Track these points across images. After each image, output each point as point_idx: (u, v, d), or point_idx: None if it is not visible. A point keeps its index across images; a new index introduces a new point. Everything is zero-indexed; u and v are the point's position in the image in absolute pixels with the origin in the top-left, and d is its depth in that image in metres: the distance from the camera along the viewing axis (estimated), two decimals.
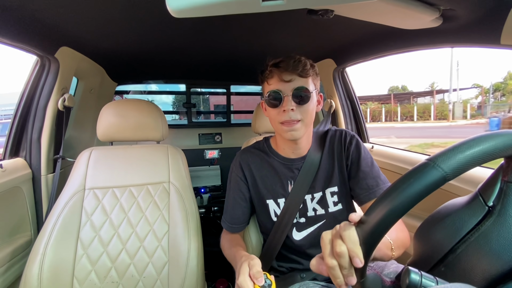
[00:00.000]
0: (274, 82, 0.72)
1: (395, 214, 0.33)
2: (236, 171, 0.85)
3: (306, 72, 0.71)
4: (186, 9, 0.52)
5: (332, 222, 0.78)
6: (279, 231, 0.78)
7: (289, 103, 0.70)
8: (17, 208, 0.98)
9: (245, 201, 0.84)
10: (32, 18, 0.83)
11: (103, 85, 1.59)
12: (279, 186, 0.80)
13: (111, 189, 0.94)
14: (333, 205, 0.78)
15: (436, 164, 0.32)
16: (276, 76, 0.72)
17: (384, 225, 0.33)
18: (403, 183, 0.33)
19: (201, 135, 2.05)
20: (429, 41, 0.88)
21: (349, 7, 0.68)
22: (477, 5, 0.65)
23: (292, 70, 0.70)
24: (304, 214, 0.78)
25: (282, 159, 0.81)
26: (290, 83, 0.71)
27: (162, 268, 0.87)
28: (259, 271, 0.56)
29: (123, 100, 1.04)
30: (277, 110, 0.72)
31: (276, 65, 0.72)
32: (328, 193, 0.78)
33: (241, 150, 0.89)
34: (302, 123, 0.72)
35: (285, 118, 0.71)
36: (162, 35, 1.06)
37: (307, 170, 0.78)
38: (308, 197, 0.78)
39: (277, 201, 0.79)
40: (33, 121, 1.07)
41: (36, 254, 0.80)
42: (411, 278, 0.31)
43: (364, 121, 1.57)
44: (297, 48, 1.25)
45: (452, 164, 0.31)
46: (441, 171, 0.31)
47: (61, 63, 1.06)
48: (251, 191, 0.83)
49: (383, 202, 0.34)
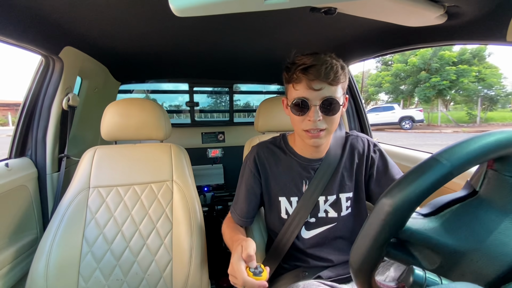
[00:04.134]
0: (301, 88, 0.67)
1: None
2: (250, 165, 0.83)
3: (337, 80, 0.66)
4: (189, 8, 0.52)
5: (341, 225, 0.78)
6: (290, 230, 0.78)
7: (316, 114, 0.66)
8: (23, 207, 0.99)
9: (256, 196, 0.83)
10: (36, 18, 0.84)
11: (107, 84, 1.60)
12: (293, 185, 0.79)
13: (115, 188, 0.95)
14: (345, 210, 0.78)
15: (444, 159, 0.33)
16: (304, 82, 0.66)
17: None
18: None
19: (204, 134, 2.06)
20: (434, 38, 0.87)
21: (352, 5, 0.68)
22: (483, 1, 0.64)
23: (323, 79, 0.64)
24: (315, 214, 0.78)
25: (300, 158, 0.80)
26: (319, 92, 0.65)
27: (166, 266, 0.88)
28: (250, 255, 0.57)
29: (126, 99, 1.04)
30: (302, 118, 0.69)
31: (305, 71, 0.65)
32: (343, 198, 0.78)
33: (257, 144, 0.87)
34: (326, 132, 0.70)
35: (310, 127, 0.68)
36: (165, 34, 1.07)
37: (324, 172, 0.77)
38: (322, 198, 0.77)
39: (289, 199, 0.79)
40: (38, 120, 1.08)
41: (42, 252, 0.81)
42: (415, 277, 0.31)
43: (368, 120, 1.56)
44: (300, 46, 1.24)
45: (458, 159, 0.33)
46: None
47: (65, 63, 1.07)
48: (263, 186, 0.82)
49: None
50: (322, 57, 0.67)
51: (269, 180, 0.81)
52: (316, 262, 0.77)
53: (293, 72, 0.68)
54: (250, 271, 0.56)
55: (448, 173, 0.32)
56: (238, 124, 2.18)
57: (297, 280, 0.74)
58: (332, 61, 0.67)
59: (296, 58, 0.69)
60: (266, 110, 1.12)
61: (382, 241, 0.34)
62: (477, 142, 0.33)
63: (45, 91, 1.08)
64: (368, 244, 0.35)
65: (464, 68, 12.71)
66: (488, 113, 13.88)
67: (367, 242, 0.35)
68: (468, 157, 0.32)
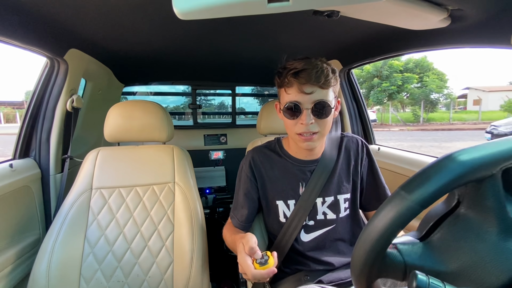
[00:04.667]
0: (293, 92, 0.68)
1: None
2: (246, 170, 0.84)
3: (328, 84, 0.67)
4: (193, 11, 0.52)
5: (340, 227, 0.78)
6: (288, 233, 0.77)
7: (308, 117, 0.67)
8: (26, 207, 1.00)
9: (255, 201, 0.84)
10: (42, 21, 0.85)
11: (110, 86, 1.61)
12: (290, 188, 0.79)
13: (117, 189, 0.95)
14: (343, 211, 0.78)
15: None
16: (295, 86, 0.67)
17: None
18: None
19: (206, 136, 2.06)
20: (437, 42, 0.87)
21: (355, 8, 0.68)
22: (486, 5, 0.64)
23: (314, 83, 0.66)
24: (314, 217, 0.78)
25: (295, 161, 0.81)
26: (311, 95, 0.67)
27: (167, 268, 0.88)
28: (252, 247, 0.58)
29: (129, 101, 1.05)
30: (295, 121, 0.70)
31: (296, 75, 0.67)
32: (341, 199, 0.78)
33: (252, 149, 0.88)
34: (319, 134, 0.71)
35: (302, 130, 0.69)
36: (169, 37, 1.07)
37: (320, 173, 0.77)
38: (319, 200, 0.77)
39: (287, 202, 0.79)
40: (43, 121, 1.09)
41: (44, 252, 0.81)
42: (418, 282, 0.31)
43: (370, 123, 1.55)
44: (303, 49, 1.24)
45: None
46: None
47: (70, 65, 1.08)
48: (259, 191, 0.83)
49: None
50: (312, 61, 0.68)
51: (266, 185, 0.82)
52: (316, 265, 0.77)
53: (284, 77, 0.69)
54: (257, 263, 0.57)
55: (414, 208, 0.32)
56: (241, 127, 2.18)
57: (299, 284, 0.74)
58: (323, 65, 0.68)
59: (287, 63, 0.70)
60: (268, 112, 1.12)
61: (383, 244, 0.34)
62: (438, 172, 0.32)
63: (49, 92, 1.09)
64: (368, 248, 0.34)
65: (408, 75, 15.37)
66: (429, 114, 16.08)
67: (367, 244, 0.34)
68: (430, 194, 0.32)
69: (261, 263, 0.56)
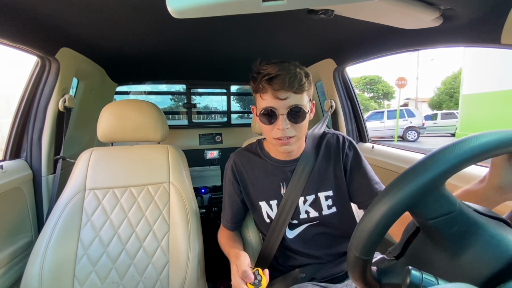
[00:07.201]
0: (268, 98, 0.68)
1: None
2: (229, 174, 0.85)
3: (301, 89, 0.68)
4: (187, 10, 0.52)
5: (324, 223, 0.79)
6: (275, 233, 0.78)
7: (284, 122, 0.67)
8: (17, 209, 0.98)
9: (238, 203, 0.85)
10: (33, 20, 0.83)
11: (104, 85, 1.59)
12: (272, 188, 0.80)
13: (111, 190, 0.94)
14: (327, 208, 0.78)
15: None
16: (270, 92, 0.67)
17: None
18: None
19: (201, 135, 2.05)
20: (429, 41, 0.88)
21: (350, 7, 0.68)
22: (477, 4, 0.65)
23: (288, 88, 0.66)
24: (297, 216, 0.78)
25: (275, 162, 0.81)
26: (285, 101, 0.67)
27: (163, 269, 0.87)
28: (245, 271, 0.60)
29: (123, 101, 1.04)
30: (271, 127, 0.70)
31: (270, 81, 0.66)
32: (322, 196, 0.78)
33: (234, 152, 0.89)
34: (296, 138, 0.71)
35: (279, 135, 0.69)
36: (162, 35, 1.06)
37: (301, 172, 0.78)
38: (301, 199, 0.78)
39: (269, 203, 0.80)
40: (34, 122, 1.07)
41: (36, 255, 0.80)
42: (412, 277, 0.31)
43: (365, 121, 1.56)
44: (297, 48, 1.25)
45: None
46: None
47: (62, 64, 1.06)
48: (243, 193, 0.84)
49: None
50: (286, 65, 0.68)
51: (248, 187, 0.83)
52: (306, 259, 0.78)
53: (259, 82, 0.69)
54: (251, 284, 0.59)
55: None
56: (236, 126, 2.18)
57: (295, 282, 0.74)
58: (296, 69, 0.68)
59: (261, 67, 0.70)
60: None
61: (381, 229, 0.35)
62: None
63: (41, 92, 1.07)
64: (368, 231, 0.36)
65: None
66: None
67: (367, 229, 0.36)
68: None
69: (255, 284, 0.59)
